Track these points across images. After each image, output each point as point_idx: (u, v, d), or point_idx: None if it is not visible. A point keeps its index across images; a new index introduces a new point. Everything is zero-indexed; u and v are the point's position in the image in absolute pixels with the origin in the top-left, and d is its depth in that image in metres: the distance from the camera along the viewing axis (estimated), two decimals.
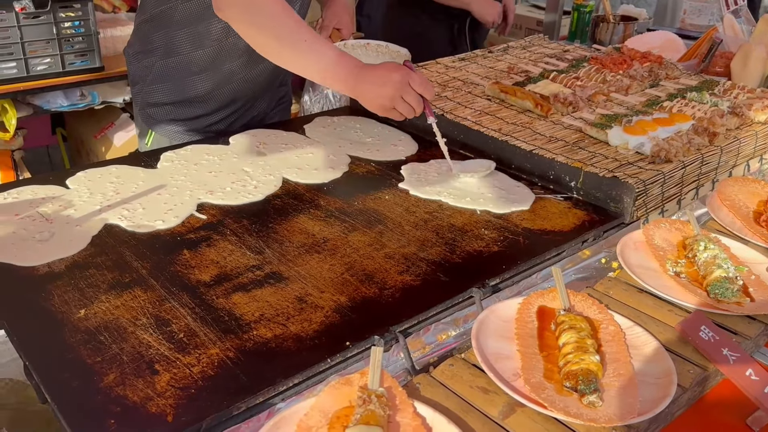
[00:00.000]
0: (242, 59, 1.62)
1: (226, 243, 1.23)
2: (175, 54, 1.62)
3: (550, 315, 1.01)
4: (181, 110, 1.69)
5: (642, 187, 1.36)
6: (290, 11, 1.38)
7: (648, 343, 0.98)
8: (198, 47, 1.59)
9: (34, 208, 1.32)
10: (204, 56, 1.61)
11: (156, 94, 1.69)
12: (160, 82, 1.67)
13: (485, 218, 1.36)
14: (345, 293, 1.11)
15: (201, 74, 1.64)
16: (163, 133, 1.72)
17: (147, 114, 1.73)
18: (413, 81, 1.34)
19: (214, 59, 1.61)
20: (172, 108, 1.69)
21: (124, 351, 0.96)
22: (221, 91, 1.68)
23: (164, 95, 1.68)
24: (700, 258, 1.17)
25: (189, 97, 1.67)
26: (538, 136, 1.58)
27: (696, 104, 1.74)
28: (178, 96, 1.67)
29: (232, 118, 1.75)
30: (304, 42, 1.36)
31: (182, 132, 1.72)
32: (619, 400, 0.87)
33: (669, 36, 2.43)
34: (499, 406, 0.87)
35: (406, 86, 1.33)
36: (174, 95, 1.68)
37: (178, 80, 1.65)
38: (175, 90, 1.67)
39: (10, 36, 2.47)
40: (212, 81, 1.65)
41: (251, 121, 1.78)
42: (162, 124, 1.71)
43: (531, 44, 2.34)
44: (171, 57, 1.63)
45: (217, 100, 1.69)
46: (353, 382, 0.86)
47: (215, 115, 1.72)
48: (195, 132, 1.72)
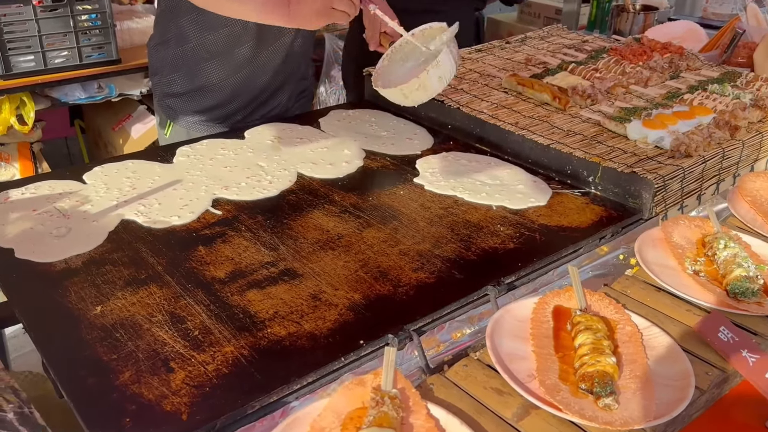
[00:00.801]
0: (251, 43, 1.62)
1: (240, 239, 1.24)
2: (186, 41, 1.63)
3: (566, 315, 1.00)
4: (197, 100, 1.70)
5: (661, 183, 1.34)
6: None
7: (665, 344, 0.97)
8: (207, 31, 1.60)
9: (51, 203, 1.33)
10: (214, 41, 1.61)
11: (172, 84, 1.70)
12: (175, 71, 1.68)
13: (501, 214, 1.34)
14: (359, 291, 1.10)
15: (212, 60, 1.64)
16: (182, 123, 1.73)
17: (166, 105, 1.74)
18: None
19: (224, 44, 1.62)
20: (189, 98, 1.70)
21: (140, 348, 0.96)
22: (235, 79, 1.67)
23: (180, 85, 1.69)
24: (720, 256, 1.15)
25: (203, 86, 1.68)
26: (555, 129, 1.56)
27: (717, 97, 1.70)
28: (192, 85, 1.68)
29: (249, 109, 1.74)
30: None
31: (200, 122, 1.73)
32: (636, 403, 0.86)
33: (690, 26, 2.39)
34: (513, 407, 0.87)
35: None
36: (189, 84, 1.68)
37: (191, 68, 1.66)
38: (190, 78, 1.68)
39: (27, 29, 2.49)
40: (224, 68, 1.65)
41: (270, 114, 1.78)
42: (180, 114, 1.72)
43: (549, 34, 2.30)
44: (183, 45, 1.64)
45: (232, 88, 1.69)
46: (367, 383, 0.85)
47: (232, 105, 1.71)
48: (213, 122, 1.72)
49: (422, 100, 1.37)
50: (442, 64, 1.30)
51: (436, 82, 1.32)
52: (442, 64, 1.30)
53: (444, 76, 1.33)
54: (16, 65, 2.51)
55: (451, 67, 1.33)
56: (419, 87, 1.32)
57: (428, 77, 1.30)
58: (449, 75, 1.34)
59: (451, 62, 1.33)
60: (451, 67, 1.33)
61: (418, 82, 1.31)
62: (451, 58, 1.33)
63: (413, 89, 1.33)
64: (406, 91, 1.34)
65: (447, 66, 1.32)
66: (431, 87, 1.33)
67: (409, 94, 1.35)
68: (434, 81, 1.32)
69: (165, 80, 1.71)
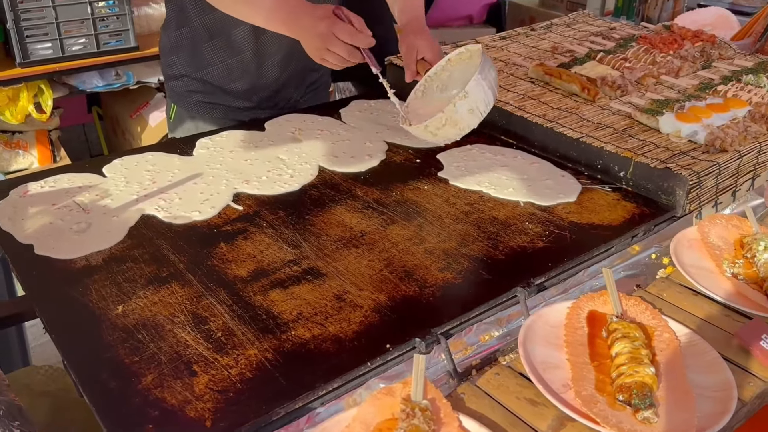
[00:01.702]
0: (248, 25, 1.54)
1: (262, 236, 1.21)
2: (186, 23, 1.59)
3: (601, 321, 0.97)
4: (197, 83, 1.65)
5: (696, 180, 1.29)
6: None
7: (705, 353, 0.93)
8: (206, 12, 1.55)
9: (70, 197, 1.31)
10: (211, 21, 1.56)
11: (173, 66, 1.67)
12: (175, 53, 1.65)
13: (529, 211, 1.31)
14: (384, 291, 1.07)
15: (211, 41, 1.59)
16: (183, 106, 1.69)
17: (169, 87, 1.72)
18: (339, 31, 1.26)
19: (222, 24, 1.56)
20: (189, 81, 1.66)
21: (162, 350, 0.94)
22: (234, 62, 1.61)
23: (179, 67, 1.65)
24: (760, 258, 1.11)
25: (203, 68, 1.63)
26: (585, 122, 1.51)
27: (752, 88, 1.64)
28: (192, 67, 1.64)
29: (253, 95, 1.67)
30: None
31: (200, 105, 1.67)
32: (676, 416, 0.82)
33: (721, 12, 2.31)
34: (548, 419, 0.84)
35: (330, 38, 1.26)
36: (188, 66, 1.64)
37: (190, 50, 1.62)
38: (189, 60, 1.64)
39: (45, 16, 2.47)
40: (223, 50, 1.60)
41: (278, 105, 1.72)
42: (181, 97, 1.69)
43: (575, 21, 2.24)
44: (183, 26, 1.60)
45: (232, 71, 1.63)
46: (396, 393, 0.83)
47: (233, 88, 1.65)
48: (213, 106, 1.67)
49: (454, 137, 1.24)
50: (471, 94, 1.18)
51: (467, 115, 1.19)
52: (472, 95, 1.18)
53: (476, 107, 1.20)
54: (33, 53, 2.50)
55: (485, 96, 1.20)
56: (447, 122, 1.19)
57: (455, 111, 1.18)
58: (483, 106, 1.21)
59: (484, 91, 1.19)
60: (485, 97, 1.20)
61: (445, 117, 1.19)
62: (484, 86, 1.19)
63: (440, 125, 1.21)
64: (432, 128, 1.22)
65: (478, 96, 1.19)
66: (462, 121, 1.20)
67: (437, 131, 1.23)
68: (464, 114, 1.19)
69: (167, 62, 1.68)
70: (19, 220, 1.23)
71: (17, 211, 1.26)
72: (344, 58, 1.28)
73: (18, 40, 2.44)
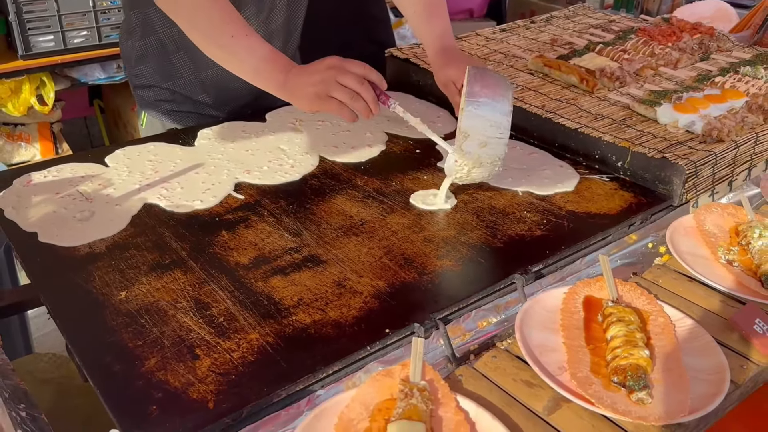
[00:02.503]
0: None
1: (263, 224, 1.22)
2: (151, 33, 1.53)
3: (597, 306, 0.98)
4: (166, 94, 1.61)
5: (692, 169, 1.31)
6: (215, 4, 1.24)
7: (699, 336, 0.95)
8: (171, 24, 1.45)
9: (73, 186, 1.32)
10: (180, 33, 1.43)
11: (141, 76, 1.61)
12: (142, 63, 1.59)
13: (527, 200, 1.32)
14: (384, 278, 1.09)
15: (179, 53, 1.54)
16: (155, 115, 1.65)
17: (138, 95, 1.66)
18: (349, 64, 1.20)
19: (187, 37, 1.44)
20: (159, 90, 1.61)
21: (165, 335, 0.96)
22: (205, 76, 1.56)
23: (147, 77, 1.60)
24: (755, 246, 1.12)
25: (172, 79, 1.58)
26: (583, 113, 1.52)
27: (750, 79, 1.65)
28: (160, 78, 1.59)
29: (226, 106, 1.63)
30: (230, 38, 1.24)
31: (172, 114, 1.63)
32: (670, 397, 0.84)
33: (721, 5, 2.32)
34: (544, 400, 0.85)
35: (341, 69, 1.19)
36: (156, 77, 1.59)
37: (158, 61, 1.57)
38: (157, 71, 1.58)
39: (47, 9, 2.48)
40: (192, 63, 1.54)
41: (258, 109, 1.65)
42: (151, 107, 1.64)
43: (575, 14, 2.25)
44: (149, 36, 1.54)
45: (203, 83, 1.58)
46: (395, 374, 0.84)
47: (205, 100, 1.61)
48: (186, 116, 1.63)
49: (495, 167, 1.19)
50: (470, 130, 1.12)
51: (483, 150, 1.14)
52: (471, 130, 1.12)
53: (485, 137, 1.13)
54: (35, 45, 2.51)
55: (488, 119, 1.12)
56: (471, 166, 1.16)
57: (468, 154, 1.14)
58: (493, 130, 1.13)
59: (483, 117, 1.12)
60: (489, 120, 1.13)
61: (462, 163, 1.16)
62: (478, 113, 1.12)
63: (467, 173, 1.18)
64: (465, 177, 1.19)
65: (478, 126, 1.12)
66: (484, 157, 1.15)
67: (472, 175, 1.20)
68: (478, 150, 1.14)
69: (134, 72, 1.62)
70: (22, 208, 1.25)
71: (21, 200, 1.27)
72: (353, 92, 1.20)
73: (20, 33, 2.46)
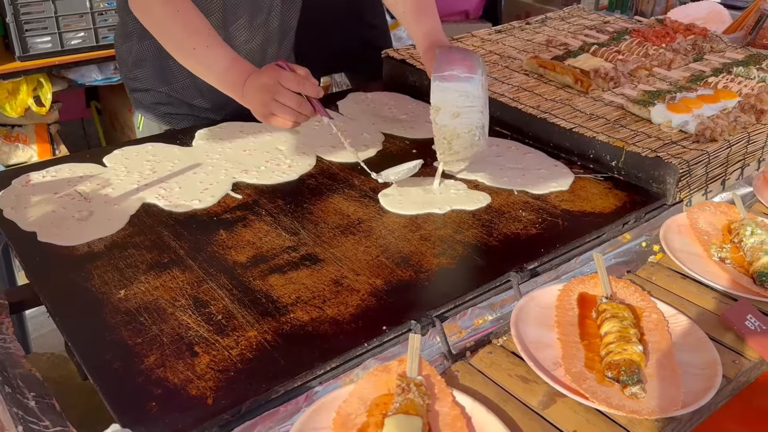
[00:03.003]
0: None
1: (261, 223, 1.23)
2: (148, 36, 1.50)
3: (591, 302, 0.99)
4: (162, 97, 1.62)
5: (686, 168, 1.32)
6: (178, 15, 1.27)
7: (692, 332, 0.96)
8: None
9: (72, 186, 1.33)
10: None
11: (137, 79, 1.62)
12: (139, 66, 1.60)
13: (523, 199, 1.33)
14: (381, 276, 1.10)
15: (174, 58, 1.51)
16: (151, 118, 1.66)
17: (135, 98, 1.67)
18: (284, 79, 1.21)
19: None
20: (155, 94, 1.62)
21: (164, 332, 0.97)
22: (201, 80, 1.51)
23: (144, 81, 1.61)
24: (747, 243, 1.13)
25: (168, 82, 1.59)
26: (578, 113, 1.54)
27: (742, 80, 1.67)
28: (156, 81, 1.60)
29: (221, 109, 1.63)
30: (193, 50, 1.28)
31: (168, 117, 1.64)
32: (663, 392, 0.85)
33: (714, 6, 2.34)
34: (539, 395, 0.86)
35: (276, 87, 1.21)
36: (153, 80, 1.60)
37: (154, 64, 1.58)
38: (153, 75, 1.59)
39: (44, 10, 2.48)
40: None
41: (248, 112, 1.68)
42: (148, 110, 1.65)
43: (570, 15, 2.27)
44: (145, 40, 1.54)
45: (200, 88, 1.59)
46: (392, 370, 0.85)
47: (200, 103, 1.63)
48: (182, 119, 1.64)
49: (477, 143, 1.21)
50: (440, 103, 1.13)
51: (456, 120, 1.16)
52: (441, 103, 1.13)
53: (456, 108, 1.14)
54: (32, 46, 2.51)
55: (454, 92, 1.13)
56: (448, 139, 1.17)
57: (443, 127, 1.16)
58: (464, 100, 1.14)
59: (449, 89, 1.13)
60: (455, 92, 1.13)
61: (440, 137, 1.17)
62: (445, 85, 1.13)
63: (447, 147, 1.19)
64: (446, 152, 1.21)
65: (447, 98, 1.13)
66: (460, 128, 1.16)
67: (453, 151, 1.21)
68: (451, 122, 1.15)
69: (131, 76, 1.63)
70: (21, 208, 1.25)
71: (20, 199, 1.28)
72: (293, 110, 1.22)
73: (17, 34, 2.46)
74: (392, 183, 1.33)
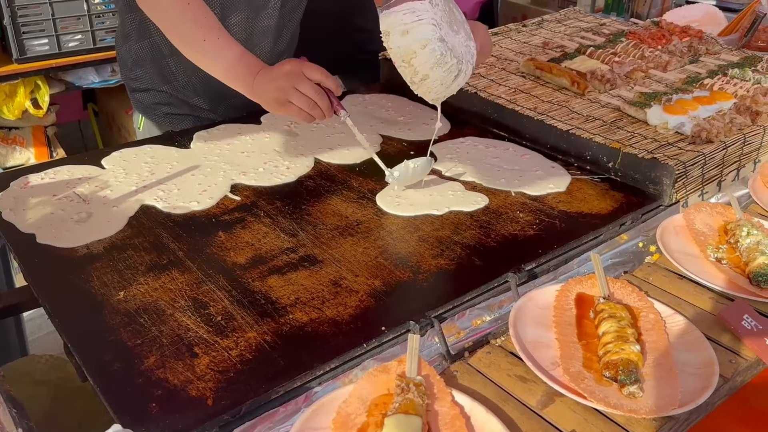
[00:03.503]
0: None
1: (260, 225, 1.24)
2: (147, 36, 1.55)
3: (588, 302, 1.00)
4: (162, 96, 1.63)
5: (682, 169, 1.33)
6: (188, 8, 1.29)
7: (689, 332, 0.97)
8: None
9: (70, 188, 1.33)
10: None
11: (137, 79, 1.64)
12: (139, 66, 1.61)
13: (520, 200, 1.34)
14: (379, 277, 1.10)
15: (174, 57, 1.56)
16: (152, 118, 1.67)
17: (135, 99, 1.68)
18: (307, 70, 1.24)
19: None
20: (155, 94, 1.63)
21: (164, 333, 0.97)
22: (197, 78, 1.58)
23: (144, 81, 1.62)
24: (743, 244, 1.14)
25: (167, 82, 1.61)
26: (574, 115, 1.55)
27: (738, 81, 1.68)
28: (156, 81, 1.61)
29: (220, 106, 1.66)
30: (203, 42, 1.30)
31: (168, 117, 1.66)
32: (660, 391, 0.86)
33: (709, 9, 2.35)
34: (537, 395, 0.87)
35: (299, 75, 1.24)
36: (152, 80, 1.61)
37: (153, 64, 1.59)
38: (153, 74, 1.61)
39: (41, 13, 2.49)
40: (186, 66, 1.55)
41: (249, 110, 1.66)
42: (148, 110, 1.66)
43: (566, 17, 2.28)
44: (144, 40, 1.56)
45: (196, 86, 1.61)
46: (391, 370, 0.86)
47: (199, 102, 1.64)
48: (182, 118, 1.66)
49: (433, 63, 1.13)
50: (388, 27, 1.10)
51: (402, 39, 1.11)
52: (389, 27, 1.10)
53: (402, 26, 1.10)
54: (30, 49, 2.52)
55: (398, 13, 1.10)
56: (404, 62, 1.12)
57: (394, 52, 1.12)
58: (408, 17, 1.10)
59: (393, 12, 1.10)
60: (400, 12, 1.10)
61: (399, 62, 1.12)
62: (389, 12, 1.10)
63: (413, 73, 1.13)
64: (410, 78, 1.15)
65: (392, 20, 1.10)
66: (409, 47, 1.11)
67: (417, 79, 1.15)
68: (401, 41, 1.11)
69: (131, 75, 1.64)
70: (20, 210, 1.26)
71: (18, 201, 1.28)
72: (311, 100, 1.25)
73: (15, 36, 2.46)
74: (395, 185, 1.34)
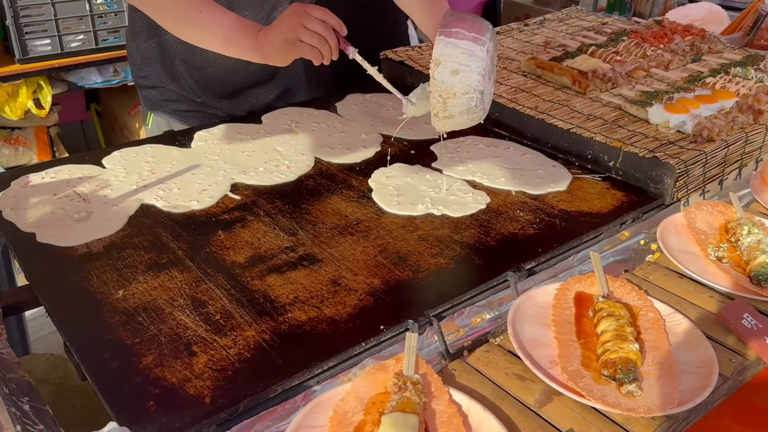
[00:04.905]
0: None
1: (259, 224, 1.24)
2: (155, 35, 1.57)
3: (587, 301, 1.00)
4: (171, 94, 1.65)
5: (683, 168, 1.32)
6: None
7: (688, 331, 0.96)
8: None
9: (71, 187, 1.33)
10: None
11: (147, 77, 1.65)
12: (148, 64, 1.63)
13: (520, 199, 1.33)
14: (378, 276, 1.10)
15: (181, 55, 1.58)
16: (161, 115, 1.68)
17: (144, 96, 1.70)
18: (312, 9, 1.22)
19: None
20: (164, 91, 1.65)
21: (162, 332, 0.97)
22: (205, 75, 1.60)
23: (153, 78, 1.64)
24: (744, 242, 1.14)
25: (176, 79, 1.62)
26: (575, 114, 1.54)
27: (740, 80, 1.67)
28: (165, 78, 1.62)
29: (227, 103, 1.67)
30: (198, 13, 1.27)
31: (178, 114, 1.67)
32: (659, 390, 0.85)
33: (712, 7, 2.34)
34: (535, 393, 0.87)
35: (304, 14, 1.21)
36: (161, 77, 1.63)
37: (162, 62, 1.60)
38: (162, 72, 1.62)
39: (44, 13, 2.49)
40: (193, 62, 1.58)
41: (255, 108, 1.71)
42: (158, 107, 1.68)
43: (568, 17, 2.28)
44: (152, 38, 1.58)
45: (205, 85, 1.62)
46: (388, 368, 0.86)
47: (207, 99, 1.65)
48: (191, 115, 1.67)
49: (474, 108, 1.15)
50: (441, 57, 1.08)
51: (455, 78, 1.10)
52: (443, 57, 1.08)
53: (458, 65, 1.09)
54: (32, 49, 2.52)
55: (457, 48, 1.09)
56: (443, 96, 1.11)
57: (440, 83, 1.10)
58: (466, 58, 1.09)
59: (454, 45, 1.08)
60: (458, 49, 1.08)
61: (437, 94, 1.11)
62: (450, 40, 1.08)
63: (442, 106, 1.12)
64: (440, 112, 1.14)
65: (451, 54, 1.09)
66: (457, 87, 1.10)
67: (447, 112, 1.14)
68: (450, 78, 1.10)
69: (140, 73, 1.66)
70: (21, 209, 1.26)
71: (19, 201, 1.28)
72: (320, 36, 1.21)
73: (17, 37, 2.47)
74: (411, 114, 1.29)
